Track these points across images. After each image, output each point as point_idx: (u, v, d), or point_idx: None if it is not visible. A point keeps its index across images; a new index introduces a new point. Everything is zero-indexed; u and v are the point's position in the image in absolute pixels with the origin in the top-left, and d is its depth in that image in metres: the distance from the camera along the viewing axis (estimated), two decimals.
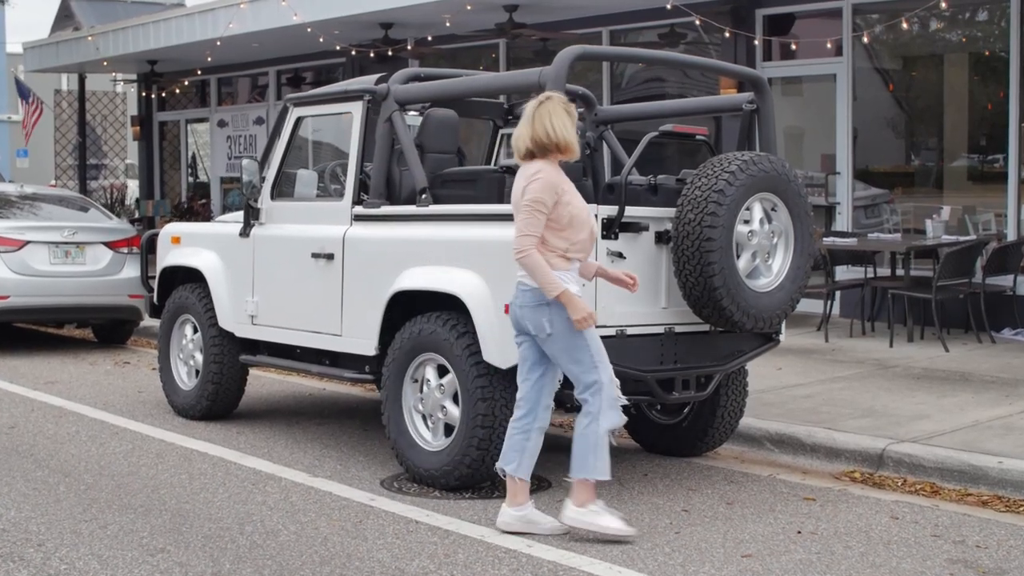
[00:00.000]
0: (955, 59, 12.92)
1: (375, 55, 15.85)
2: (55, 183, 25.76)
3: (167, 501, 6.20)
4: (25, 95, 23.47)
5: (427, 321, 6.46)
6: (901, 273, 11.24)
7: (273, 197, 7.83)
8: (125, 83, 24.02)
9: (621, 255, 6.12)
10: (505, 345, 6.03)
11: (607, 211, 6.08)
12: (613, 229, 6.09)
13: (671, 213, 6.26)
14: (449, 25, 15.18)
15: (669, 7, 12.81)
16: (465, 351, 6.22)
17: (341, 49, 16.51)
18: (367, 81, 7.50)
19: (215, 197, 20.92)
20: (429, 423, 6.56)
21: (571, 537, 5.56)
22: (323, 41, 16.13)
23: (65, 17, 22.97)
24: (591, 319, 5.47)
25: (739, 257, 6.25)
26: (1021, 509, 6.16)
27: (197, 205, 20.74)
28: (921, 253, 11.18)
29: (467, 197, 6.77)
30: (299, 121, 7.78)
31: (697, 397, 6.65)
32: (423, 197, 6.80)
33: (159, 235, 8.88)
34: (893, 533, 5.73)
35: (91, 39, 19.83)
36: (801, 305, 7.08)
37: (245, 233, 7.93)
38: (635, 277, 5.83)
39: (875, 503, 6.27)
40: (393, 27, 15.64)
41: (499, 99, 8.49)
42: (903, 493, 6.50)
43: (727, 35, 13.02)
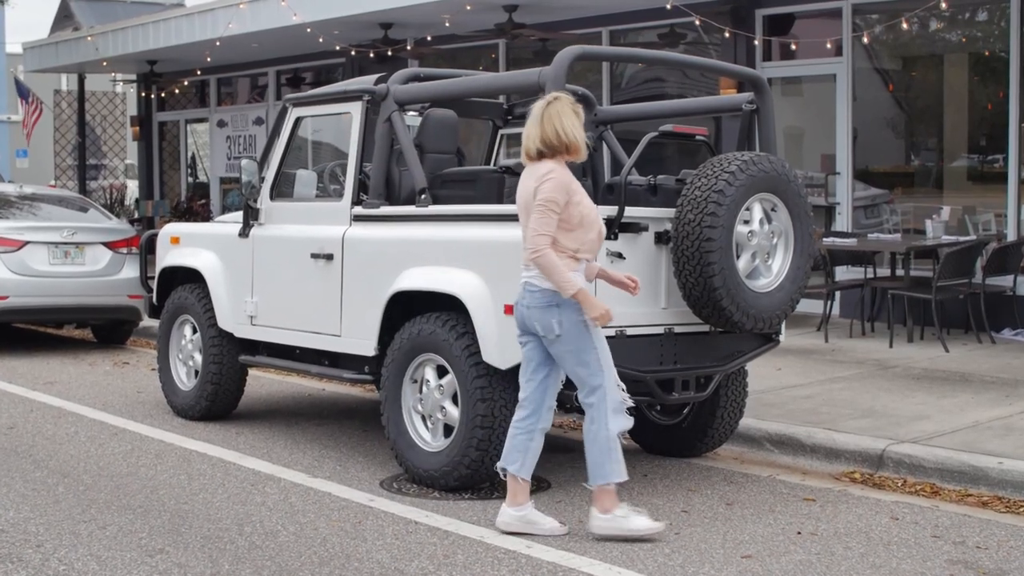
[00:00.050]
0: (955, 59, 12.91)
1: (375, 55, 15.84)
2: (54, 183, 25.76)
3: (166, 502, 6.19)
4: (24, 95, 23.47)
5: (426, 321, 6.46)
6: (901, 273, 11.23)
7: (272, 197, 7.82)
8: (125, 83, 24.01)
9: (621, 255, 6.12)
10: (504, 345, 6.03)
11: (607, 211, 6.06)
12: (613, 229, 6.08)
13: (671, 213, 6.26)
14: (449, 25, 15.17)
15: (669, 7, 12.80)
16: (464, 351, 6.21)
17: (341, 49, 16.50)
18: (366, 81, 7.49)
19: (214, 197, 20.91)
20: (428, 424, 6.56)
21: (570, 537, 5.56)
22: (323, 41, 16.13)
23: (65, 17, 22.94)
24: (608, 316, 5.48)
25: (739, 257, 6.25)
26: (1021, 510, 6.15)
27: (196, 205, 20.73)
28: (921, 253, 11.18)
29: (466, 197, 6.77)
30: (298, 121, 7.77)
31: (697, 398, 6.64)
32: (422, 197, 6.79)
33: (158, 235, 8.87)
34: (893, 534, 5.72)
35: (91, 39, 19.81)
36: (801, 305, 7.07)
37: (244, 233, 7.92)
38: (636, 280, 5.82)
39: (875, 504, 6.27)
40: (393, 27, 15.63)
41: (498, 99, 8.48)
42: (903, 494, 6.50)
43: (727, 35, 13.01)
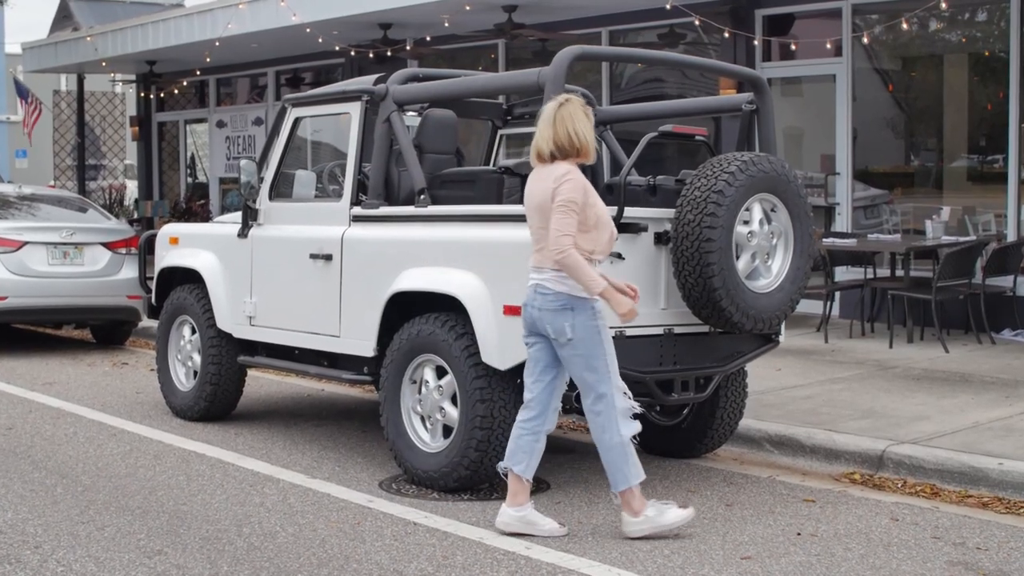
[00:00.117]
0: (955, 59, 12.90)
1: (374, 55, 15.83)
2: (54, 184, 25.78)
3: (165, 503, 6.18)
4: (24, 95, 23.46)
5: (425, 322, 6.45)
6: (901, 274, 11.22)
7: (271, 198, 7.81)
8: (124, 84, 24.01)
9: (620, 256, 6.10)
10: (504, 346, 6.02)
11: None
12: None
13: (670, 214, 6.25)
14: (448, 25, 15.16)
15: (668, 7, 12.79)
16: (464, 352, 6.20)
17: (340, 49, 16.49)
18: (366, 81, 7.48)
19: (214, 198, 20.90)
20: (428, 424, 6.55)
21: (570, 539, 5.55)
22: (322, 41, 16.12)
23: (64, 18, 22.93)
24: (634, 312, 5.49)
25: (738, 258, 6.24)
26: (1021, 511, 6.14)
27: (196, 206, 20.72)
28: (921, 254, 11.17)
29: (466, 198, 6.76)
30: (297, 121, 7.77)
31: (696, 398, 6.63)
32: (422, 198, 6.78)
33: (157, 236, 8.86)
34: (893, 535, 5.71)
35: (90, 39, 19.80)
36: (801, 306, 7.06)
37: (243, 234, 7.91)
38: (636, 289, 5.78)
39: (875, 505, 6.26)
40: (392, 27, 15.63)
41: (498, 100, 8.47)
42: (903, 495, 6.49)
43: (727, 35, 13.00)
